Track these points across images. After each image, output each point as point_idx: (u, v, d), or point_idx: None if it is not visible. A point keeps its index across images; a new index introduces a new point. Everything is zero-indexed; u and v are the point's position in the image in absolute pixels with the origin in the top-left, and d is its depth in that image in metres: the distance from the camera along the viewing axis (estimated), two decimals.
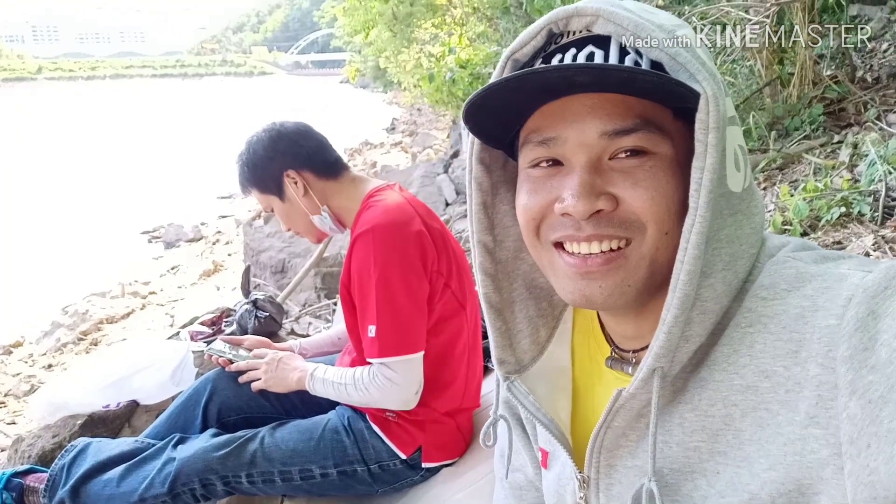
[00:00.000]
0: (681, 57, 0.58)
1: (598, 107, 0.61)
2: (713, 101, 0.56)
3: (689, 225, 0.59)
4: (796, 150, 2.90)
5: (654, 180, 0.61)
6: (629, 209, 0.61)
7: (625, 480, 0.72)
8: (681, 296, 0.59)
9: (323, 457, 1.63)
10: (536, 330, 0.80)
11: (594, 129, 0.61)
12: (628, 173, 0.61)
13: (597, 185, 0.61)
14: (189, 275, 8.82)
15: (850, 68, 3.26)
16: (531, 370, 0.79)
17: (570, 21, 0.62)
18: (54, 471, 1.68)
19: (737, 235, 0.63)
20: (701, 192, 0.58)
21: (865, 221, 2.10)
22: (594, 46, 0.62)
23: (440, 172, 7.92)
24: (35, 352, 6.38)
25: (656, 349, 0.62)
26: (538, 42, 0.65)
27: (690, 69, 0.57)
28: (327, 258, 4.38)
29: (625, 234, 0.62)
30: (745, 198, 0.65)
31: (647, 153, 0.61)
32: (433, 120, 20.60)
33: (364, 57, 24.72)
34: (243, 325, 2.52)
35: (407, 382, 1.54)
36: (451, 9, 9.96)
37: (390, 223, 1.53)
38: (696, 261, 0.59)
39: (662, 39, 0.58)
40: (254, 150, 1.70)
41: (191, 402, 1.82)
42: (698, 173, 0.58)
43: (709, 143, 0.57)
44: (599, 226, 0.62)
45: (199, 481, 1.59)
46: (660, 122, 0.61)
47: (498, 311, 0.78)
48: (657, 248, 0.62)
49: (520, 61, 0.67)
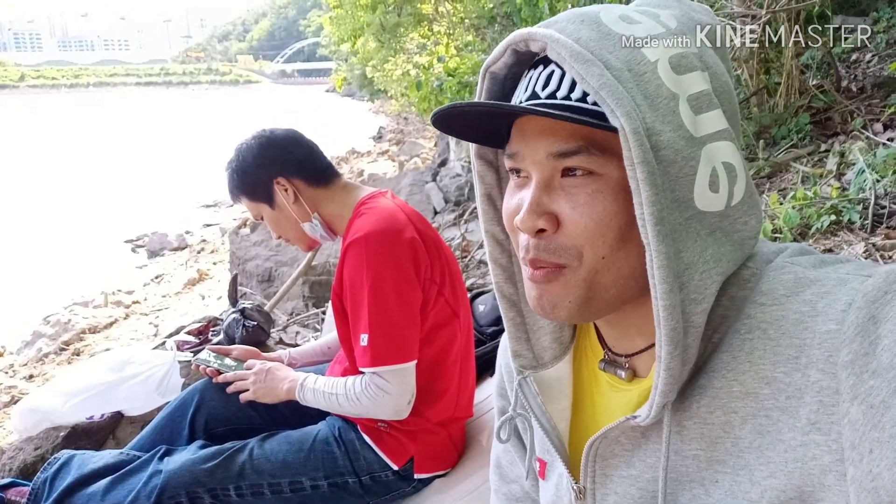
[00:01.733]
0: (604, 90, 0.57)
1: (547, 128, 0.63)
2: (633, 137, 0.56)
3: (649, 261, 0.58)
4: (784, 158, 2.93)
5: (594, 205, 0.61)
6: (566, 234, 0.62)
7: (620, 490, 0.71)
8: (668, 331, 0.59)
9: (313, 468, 1.60)
10: (559, 328, 0.78)
11: (543, 150, 0.63)
12: (571, 195, 0.62)
13: (543, 203, 0.63)
14: (173, 284, 8.72)
15: (836, 78, 3.30)
16: (550, 371, 0.78)
17: (529, 44, 0.63)
18: (36, 484, 1.63)
19: (722, 253, 0.62)
20: (647, 227, 0.57)
21: (856, 229, 2.11)
22: (556, 66, 0.63)
23: (429, 180, 7.91)
24: (16, 362, 6.26)
25: (661, 387, 0.61)
26: (508, 59, 0.66)
27: (611, 103, 0.57)
28: (315, 267, 4.35)
29: (559, 261, 0.63)
30: (732, 214, 0.63)
31: (592, 174, 0.61)
32: (420, 129, 20.62)
33: (350, 66, 24.73)
34: (231, 334, 2.48)
35: (399, 392, 1.52)
36: (438, 19, 10.00)
37: (383, 231, 1.51)
38: (669, 295, 0.58)
39: (592, 72, 0.58)
40: (243, 157, 1.68)
41: (178, 413, 1.79)
42: (639, 208, 0.58)
43: (639, 179, 0.57)
44: (538, 249, 0.64)
45: (186, 494, 1.56)
46: (605, 144, 0.60)
47: (512, 302, 0.77)
48: (596, 271, 0.63)
49: (497, 74, 0.69)
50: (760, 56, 3.20)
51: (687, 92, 0.61)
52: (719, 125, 0.62)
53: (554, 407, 0.78)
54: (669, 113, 0.59)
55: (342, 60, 28.45)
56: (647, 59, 0.60)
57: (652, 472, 0.68)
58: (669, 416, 0.64)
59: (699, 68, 0.63)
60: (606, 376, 0.75)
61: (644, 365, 0.71)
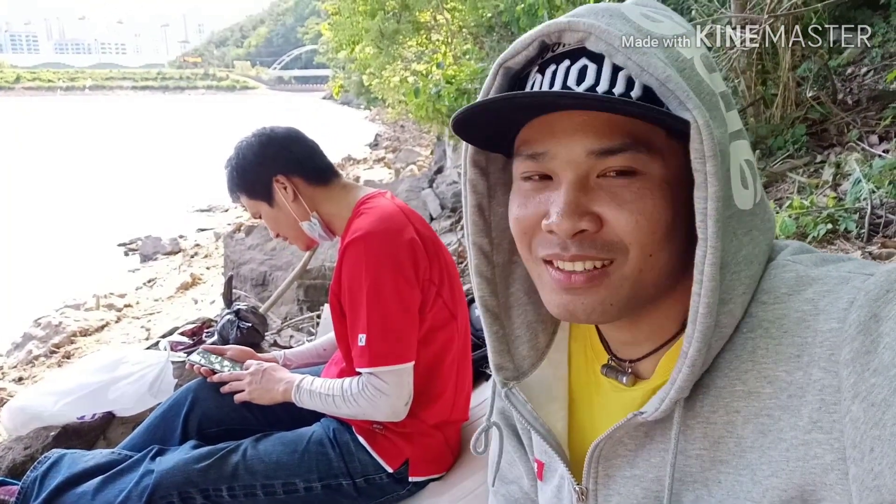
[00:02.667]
0: (671, 83, 0.56)
1: (586, 125, 0.60)
2: (705, 129, 0.55)
3: (701, 256, 0.57)
4: (780, 168, 2.94)
5: (640, 203, 0.59)
6: (612, 231, 0.60)
7: (623, 491, 0.70)
8: (702, 329, 0.58)
9: (307, 470, 1.58)
10: (535, 336, 0.78)
11: (581, 148, 0.60)
12: (614, 194, 0.60)
13: (581, 204, 0.60)
14: (166, 288, 8.70)
15: (832, 90, 3.33)
16: (530, 377, 0.77)
17: (563, 35, 0.60)
18: (26, 483, 1.61)
19: (755, 254, 0.62)
20: (708, 222, 0.56)
21: (852, 238, 2.12)
22: (588, 60, 0.60)
23: (425, 187, 7.94)
24: (5, 364, 6.23)
25: (680, 382, 0.60)
26: (531, 52, 0.63)
27: (680, 96, 0.55)
28: (311, 270, 4.34)
29: (607, 255, 0.61)
30: (758, 212, 0.63)
31: (636, 173, 0.59)
32: (416, 136, 20.68)
33: (348, 73, 24.78)
34: (225, 335, 2.47)
35: (397, 393, 1.50)
36: (436, 27, 10.05)
37: (383, 231, 1.50)
38: (713, 292, 0.57)
39: (655, 63, 0.56)
40: (243, 154, 1.67)
41: (171, 413, 1.77)
42: (702, 203, 0.56)
43: (708, 173, 0.56)
44: (583, 246, 0.61)
45: (178, 494, 1.53)
46: (650, 142, 0.59)
47: (495, 315, 0.76)
48: (640, 270, 0.61)
49: (512, 69, 0.65)
50: (758, 67, 3.22)
51: (718, 89, 0.61)
52: (739, 124, 0.63)
53: (546, 410, 0.77)
54: (714, 108, 0.58)
55: (339, 68, 28.51)
56: (684, 56, 0.60)
57: (656, 472, 0.67)
58: (681, 413, 0.63)
59: (717, 69, 0.64)
60: (609, 381, 0.74)
61: (647, 368, 0.71)
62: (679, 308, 0.67)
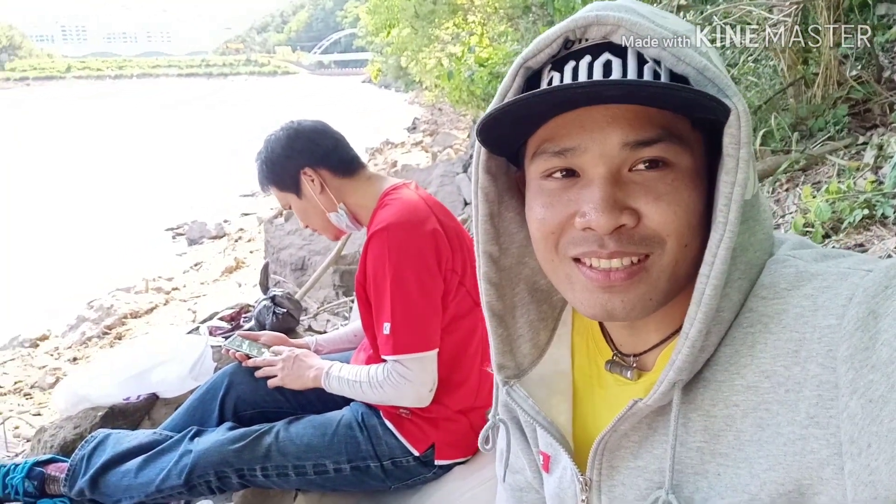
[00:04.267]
0: (709, 72, 0.57)
1: (619, 117, 0.59)
2: (744, 116, 0.56)
3: (718, 239, 0.58)
4: (820, 151, 2.86)
5: (676, 194, 0.60)
6: (651, 225, 0.60)
7: (627, 482, 0.72)
8: (706, 310, 0.59)
9: (336, 452, 1.64)
10: (537, 333, 0.79)
11: (616, 140, 0.60)
12: (650, 187, 0.60)
13: (619, 199, 0.60)
14: (211, 271, 8.91)
15: (877, 69, 3.20)
16: (530, 374, 0.79)
17: (589, 30, 0.60)
18: (75, 461, 1.71)
19: (750, 243, 0.63)
20: (731, 207, 0.58)
21: (889, 224, 2.06)
22: (611, 54, 0.60)
23: (459, 172, 7.92)
24: (61, 345, 6.49)
25: (679, 363, 0.62)
26: (553, 49, 0.63)
27: (719, 84, 0.57)
28: (346, 256, 4.41)
29: (645, 250, 0.61)
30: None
31: (668, 165, 0.60)
32: (454, 119, 20.57)
33: (386, 56, 24.78)
34: (261, 321, 2.54)
35: (421, 380, 1.55)
36: (472, 8, 9.96)
37: (405, 222, 1.54)
38: (722, 275, 0.59)
39: (690, 53, 0.57)
40: (272, 148, 1.72)
41: (208, 396, 1.85)
42: (728, 188, 0.58)
43: (740, 158, 0.57)
44: (621, 242, 0.60)
45: (214, 473, 1.62)
46: (680, 133, 0.60)
47: (500, 318, 0.77)
48: (677, 261, 0.62)
49: (532, 69, 0.65)
50: (798, 46, 3.11)
51: None
52: None
53: (548, 403, 0.79)
54: (736, 95, 0.59)
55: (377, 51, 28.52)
56: (703, 49, 0.61)
57: (658, 463, 0.69)
58: (680, 396, 0.63)
59: None
60: (613, 376, 0.76)
61: (650, 360, 0.72)
62: (688, 301, 0.68)
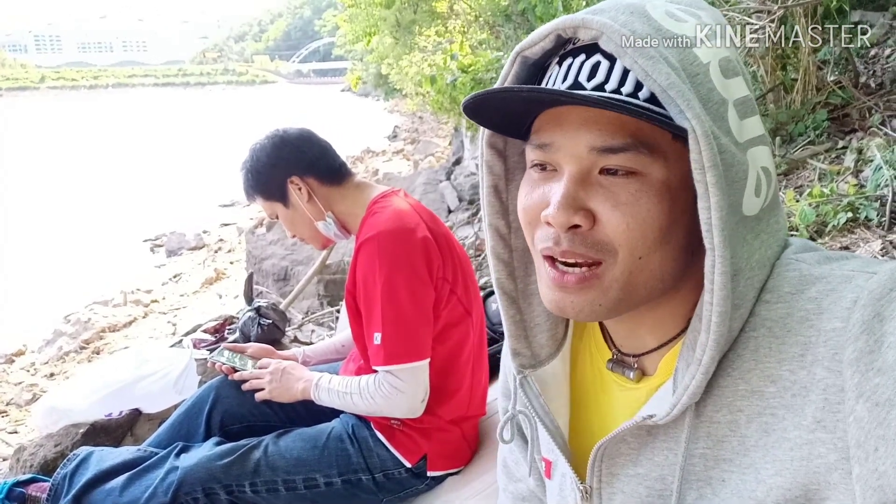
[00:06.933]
0: (673, 90, 0.55)
1: (592, 120, 0.60)
2: (703, 139, 0.54)
3: (710, 265, 0.57)
4: (801, 155, 2.89)
5: (636, 205, 0.59)
6: (605, 230, 0.60)
7: (627, 489, 0.71)
8: (716, 337, 0.58)
9: (327, 465, 1.61)
10: (555, 325, 0.78)
11: (584, 143, 0.60)
12: (612, 193, 0.60)
13: (579, 198, 0.60)
14: (191, 283, 8.82)
15: (854, 74, 3.25)
16: (546, 367, 0.77)
17: (578, 31, 0.61)
18: (56, 480, 1.66)
19: (767, 257, 0.62)
20: (714, 232, 0.56)
21: (872, 226, 2.09)
22: (602, 56, 0.60)
23: (443, 179, 7.94)
24: (37, 360, 6.36)
25: (693, 388, 0.61)
26: (547, 44, 0.63)
27: (680, 104, 0.55)
28: (330, 265, 4.38)
29: (597, 255, 0.61)
30: (764, 217, 0.63)
31: (634, 174, 0.59)
32: (435, 128, 20.61)
33: (366, 64, 24.76)
34: (246, 332, 2.51)
35: (413, 390, 1.53)
36: (453, 16, 10.00)
37: (395, 230, 1.52)
38: (725, 301, 0.57)
39: (660, 69, 0.56)
40: (257, 157, 1.70)
41: (194, 411, 1.81)
42: (706, 213, 0.56)
43: (709, 183, 0.55)
44: (574, 243, 0.61)
45: (202, 490, 1.58)
46: (653, 144, 0.59)
47: (512, 299, 0.76)
48: (630, 272, 0.61)
49: (529, 59, 0.65)
50: (777, 52, 3.16)
51: (734, 97, 0.61)
52: (759, 130, 0.63)
53: (552, 406, 0.78)
54: (720, 118, 0.58)
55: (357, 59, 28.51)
56: (700, 60, 0.59)
57: (659, 471, 0.68)
58: (692, 416, 0.63)
59: (741, 73, 0.63)
60: (614, 376, 0.74)
61: (652, 363, 0.71)
62: (683, 308, 0.67)
